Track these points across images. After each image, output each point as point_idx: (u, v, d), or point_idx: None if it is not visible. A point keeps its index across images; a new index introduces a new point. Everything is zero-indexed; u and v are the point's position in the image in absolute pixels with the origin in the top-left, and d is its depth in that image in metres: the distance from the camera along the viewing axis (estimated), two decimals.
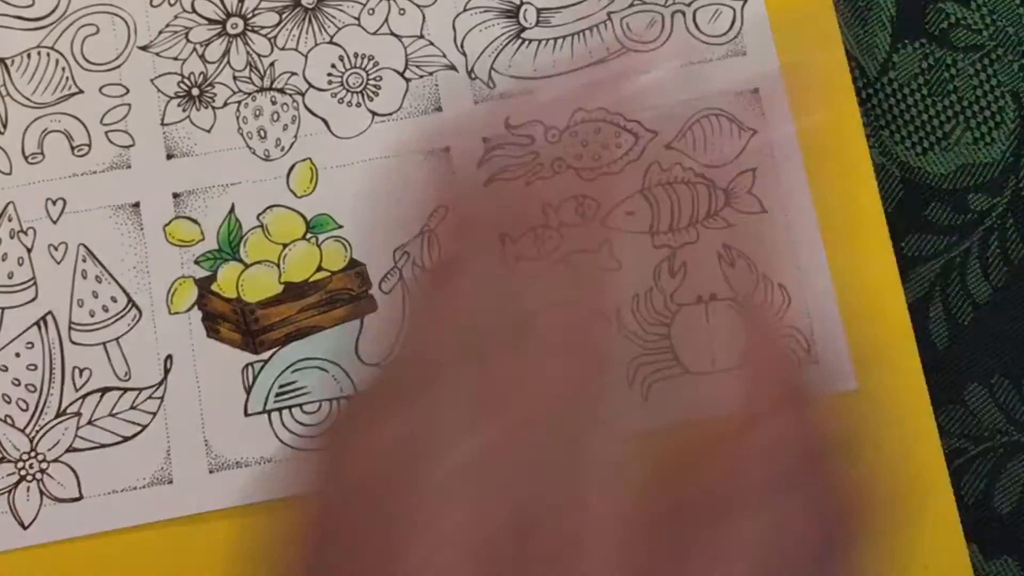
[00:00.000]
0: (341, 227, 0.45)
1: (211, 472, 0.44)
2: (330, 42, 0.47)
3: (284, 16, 0.47)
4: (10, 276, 0.45)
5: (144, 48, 0.47)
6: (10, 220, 0.45)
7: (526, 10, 0.47)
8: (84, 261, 0.45)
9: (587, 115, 0.46)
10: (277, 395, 0.44)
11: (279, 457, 0.44)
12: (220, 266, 0.45)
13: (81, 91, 0.46)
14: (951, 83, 0.47)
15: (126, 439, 0.44)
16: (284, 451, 0.44)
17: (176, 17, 0.47)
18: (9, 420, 0.44)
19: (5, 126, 0.46)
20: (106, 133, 0.46)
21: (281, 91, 0.46)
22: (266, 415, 0.44)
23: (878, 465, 0.43)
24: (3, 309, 0.45)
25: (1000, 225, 0.46)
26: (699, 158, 0.46)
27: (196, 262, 0.45)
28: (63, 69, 0.47)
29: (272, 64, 0.46)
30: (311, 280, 0.45)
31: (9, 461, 0.44)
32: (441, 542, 0.25)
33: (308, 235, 0.45)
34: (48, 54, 0.47)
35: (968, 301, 0.46)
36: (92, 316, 0.45)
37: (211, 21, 0.47)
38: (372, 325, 0.45)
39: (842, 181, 0.46)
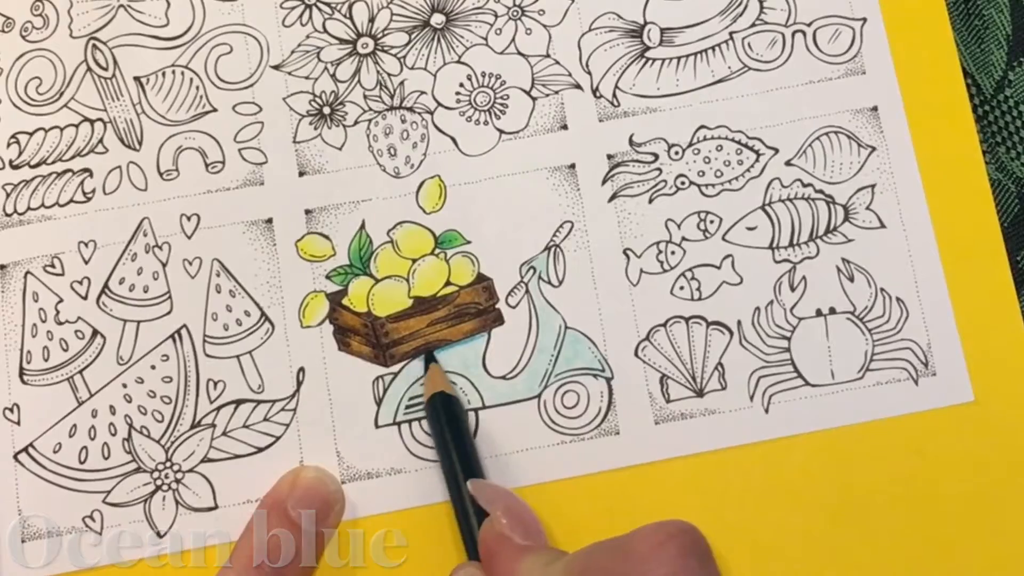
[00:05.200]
0: (469, 242, 0.46)
1: (343, 483, 0.44)
2: (458, 61, 0.48)
3: (413, 36, 0.48)
4: (146, 290, 0.46)
5: (276, 67, 0.48)
6: (145, 235, 0.46)
7: (650, 30, 0.48)
8: (218, 276, 0.46)
9: (709, 132, 0.47)
10: (407, 407, 0.45)
11: (408, 468, 0.45)
12: (351, 281, 0.46)
13: (215, 109, 0.47)
14: None
15: (260, 450, 0.45)
16: (413, 462, 0.45)
17: (308, 37, 0.48)
18: (145, 431, 0.45)
19: (140, 143, 0.47)
20: (239, 151, 0.47)
21: (410, 110, 0.47)
22: (396, 427, 0.45)
23: (996, 475, 0.44)
24: (139, 322, 0.46)
25: None
26: (819, 174, 0.47)
27: (327, 277, 0.46)
28: (197, 88, 0.48)
29: (402, 83, 0.47)
30: (440, 294, 0.46)
31: (145, 471, 0.45)
32: None
33: (437, 250, 0.46)
34: (183, 73, 0.48)
35: None
36: (226, 329, 0.46)
37: (342, 41, 0.48)
38: (499, 338, 0.46)
39: (959, 197, 0.46)
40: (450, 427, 0.44)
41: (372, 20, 0.48)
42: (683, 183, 0.47)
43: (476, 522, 0.41)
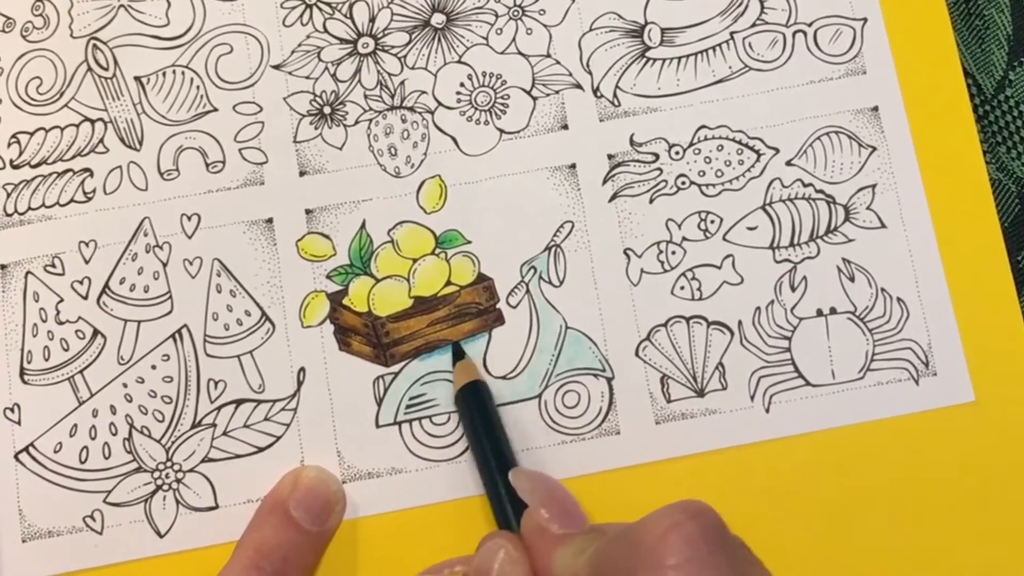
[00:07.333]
0: (469, 242, 0.46)
1: (344, 483, 0.44)
2: (459, 61, 0.48)
3: (414, 36, 0.48)
4: (146, 290, 0.46)
5: (277, 67, 0.48)
6: (146, 235, 0.46)
7: (650, 30, 0.48)
8: (219, 276, 0.46)
9: (710, 132, 0.47)
10: (407, 407, 0.45)
11: (409, 468, 0.45)
12: (351, 281, 0.46)
13: (215, 109, 0.47)
14: None
15: (260, 450, 0.45)
16: (414, 462, 0.45)
17: (308, 37, 0.48)
18: (146, 431, 0.45)
19: (141, 143, 0.47)
20: (240, 150, 0.47)
21: (411, 109, 0.47)
22: (396, 426, 0.45)
23: (996, 475, 0.44)
24: (139, 322, 0.46)
25: None
26: (819, 174, 0.47)
27: (328, 277, 0.46)
28: (198, 87, 0.48)
29: (402, 83, 0.47)
30: (440, 294, 0.46)
31: (146, 471, 0.45)
32: None
33: (437, 250, 0.46)
34: (183, 73, 0.48)
35: None
36: (227, 329, 0.46)
37: (342, 41, 0.48)
38: (500, 338, 0.46)
39: (959, 196, 0.46)
40: (481, 419, 0.44)
41: (372, 20, 0.48)
42: (684, 183, 0.47)
43: (512, 511, 0.41)
